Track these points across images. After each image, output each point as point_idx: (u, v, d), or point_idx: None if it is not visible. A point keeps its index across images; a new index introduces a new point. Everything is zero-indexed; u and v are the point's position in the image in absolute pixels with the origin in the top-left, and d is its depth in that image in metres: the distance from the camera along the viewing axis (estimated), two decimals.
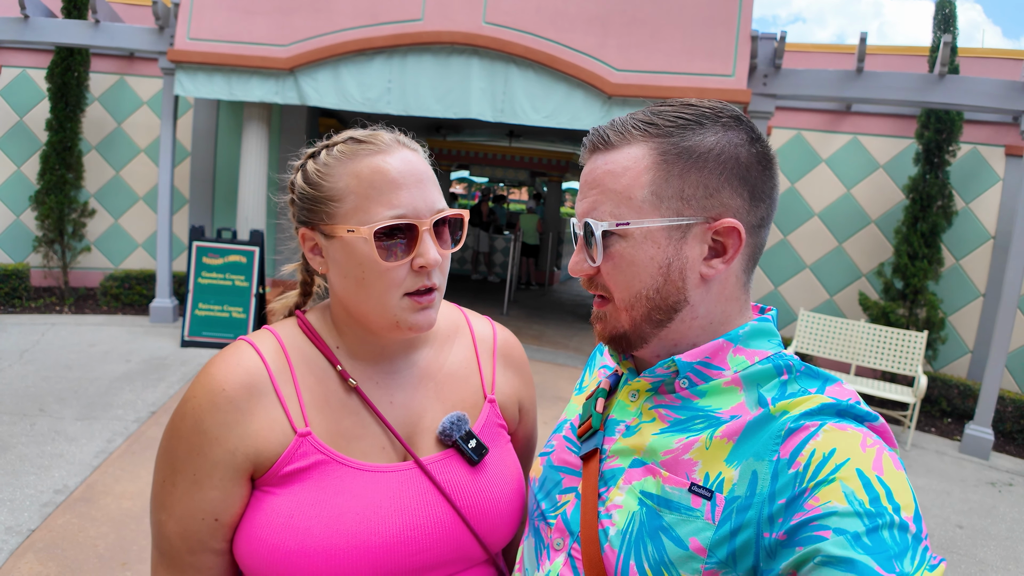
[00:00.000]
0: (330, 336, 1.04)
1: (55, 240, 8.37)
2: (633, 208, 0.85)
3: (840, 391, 0.80)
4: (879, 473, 0.68)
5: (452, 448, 1.03)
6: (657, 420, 0.88)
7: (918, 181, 7.09)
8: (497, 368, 1.16)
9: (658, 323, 0.88)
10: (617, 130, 0.88)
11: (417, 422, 1.04)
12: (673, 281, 0.85)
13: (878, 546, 0.63)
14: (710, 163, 0.84)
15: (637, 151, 0.86)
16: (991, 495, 5.17)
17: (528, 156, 14.79)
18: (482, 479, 1.02)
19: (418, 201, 0.94)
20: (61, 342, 6.67)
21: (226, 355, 0.96)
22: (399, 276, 0.93)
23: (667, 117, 0.86)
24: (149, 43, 7.40)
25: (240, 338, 1.00)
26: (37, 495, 3.75)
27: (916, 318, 7.07)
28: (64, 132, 8.11)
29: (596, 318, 0.94)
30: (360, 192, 0.94)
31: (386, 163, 0.94)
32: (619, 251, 0.86)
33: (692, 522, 0.77)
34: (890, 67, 7.44)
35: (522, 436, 1.22)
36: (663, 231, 0.84)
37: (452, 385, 1.09)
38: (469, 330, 1.18)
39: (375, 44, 6.66)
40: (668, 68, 6.39)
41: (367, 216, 0.92)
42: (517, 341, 1.23)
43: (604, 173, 0.87)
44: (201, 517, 0.91)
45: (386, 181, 0.93)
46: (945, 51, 5.89)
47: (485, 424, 1.09)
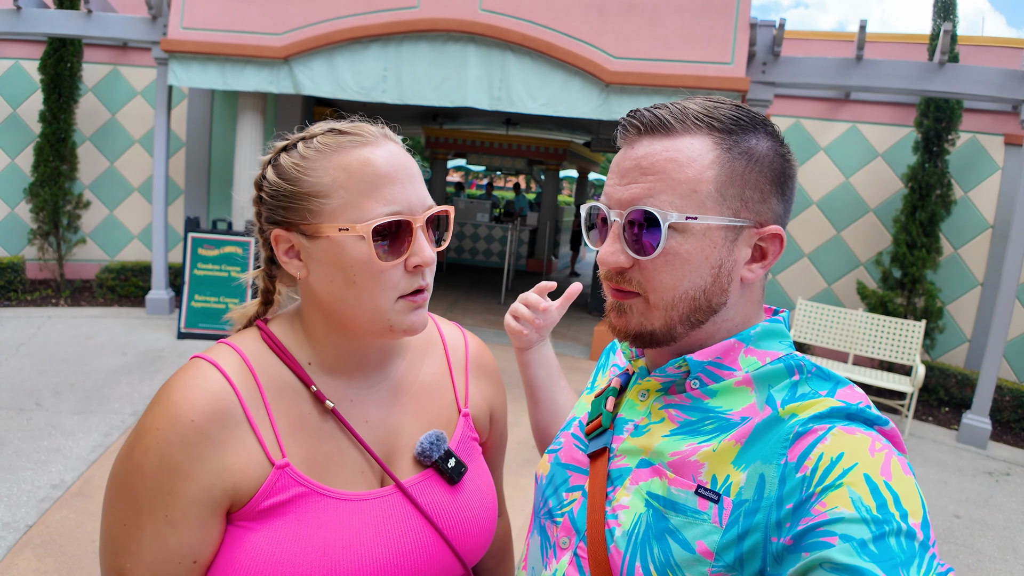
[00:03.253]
0: (300, 350, 0.96)
1: (50, 232, 8.33)
2: (696, 202, 0.81)
3: (851, 394, 0.80)
4: (887, 478, 0.67)
5: (431, 468, 0.99)
6: (666, 420, 0.87)
7: (917, 170, 7.06)
8: (470, 379, 1.13)
9: (694, 324, 0.86)
10: (676, 116, 0.83)
11: (394, 441, 0.99)
12: (720, 283, 0.84)
13: (884, 554, 0.62)
14: (765, 168, 0.84)
15: (701, 143, 0.83)
16: (988, 485, 5.18)
17: (525, 144, 14.73)
18: (462, 499, 1.00)
19: (411, 196, 0.89)
20: (57, 335, 6.65)
21: (187, 379, 0.86)
22: (394, 277, 0.88)
23: (725, 114, 0.84)
24: (142, 33, 7.33)
25: (197, 356, 0.90)
26: (34, 490, 3.74)
27: (914, 307, 7.06)
28: (58, 123, 8.06)
29: (615, 310, 0.89)
30: (350, 187, 0.87)
31: (376, 156, 0.88)
32: (674, 247, 0.82)
33: (699, 525, 0.76)
34: (890, 55, 7.39)
35: (492, 444, 1.19)
36: (721, 230, 0.82)
37: (426, 400, 1.05)
38: (441, 340, 1.13)
39: (370, 32, 6.60)
40: (666, 56, 6.34)
41: (361, 213, 0.86)
42: (487, 348, 1.20)
43: (666, 160, 0.82)
44: (178, 561, 0.83)
45: (378, 175, 0.87)
46: (945, 39, 5.84)
47: (460, 439, 1.06)
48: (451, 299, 10.09)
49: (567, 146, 14.40)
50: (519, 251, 14.09)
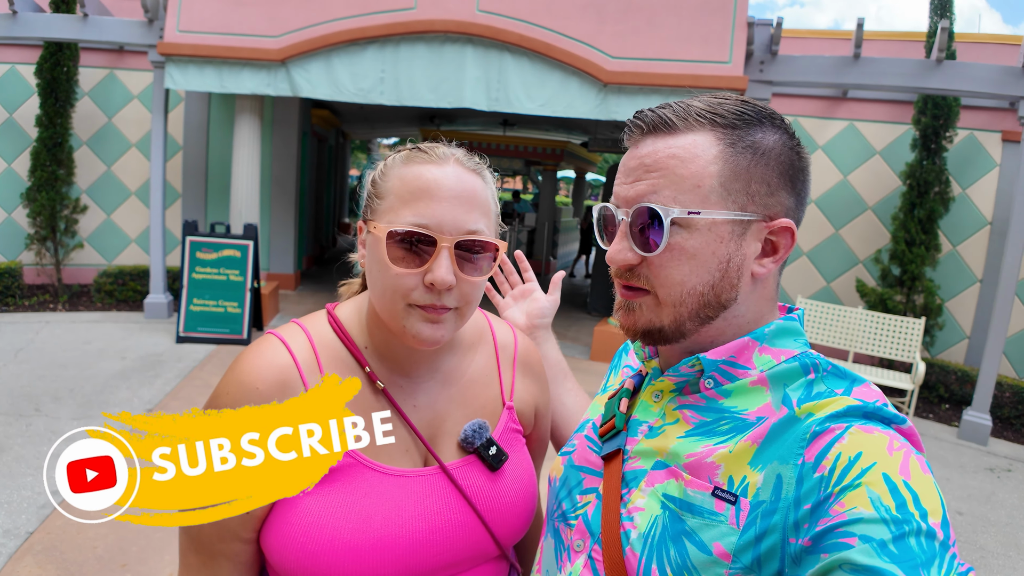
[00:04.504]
0: (360, 335, 1.05)
1: (47, 237, 8.30)
2: (700, 197, 0.82)
3: (867, 392, 0.79)
4: (906, 478, 0.66)
5: (473, 454, 1.05)
6: (681, 422, 0.87)
7: (915, 167, 7.07)
8: (517, 375, 1.18)
9: (704, 320, 0.85)
10: (679, 115, 0.84)
11: (439, 426, 1.06)
12: (729, 278, 0.84)
13: (904, 554, 0.61)
14: (772, 161, 0.83)
15: (703, 139, 0.83)
16: (990, 481, 5.19)
17: (523, 145, 14.72)
18: (501, 484, 1.05)
19: (445, 215, 0.92)
20: (56, 340, 6.63)
21: (259, 351, 0.97)
22: (407, 284, 0.92)
23: (729, 110, 0.84)
24: (138, 36, 7.31)
25: (270, 332, 1.01)
26: (35, 497, 3.72)
27: (913, 304, 7.07)
28: (54, 128, 8.03)
29: (623, 308, 0.89)
30: (398, 194, 0.94)
31: (429, 172, 0.94)
32: (679, 242, 0.82)
33: (716, 527, 0.75)
34: (887, 53, 7.40)
35: (536, 438, 1.24)
36: (727, 225, 0.82)
37: (473, 391, 1.11)
38: (492, 337, 1.19)
39: (368, 34, 6.59)
40: (664, 55, 6.35)
41: (394, 217, 0.93)
42: (536, 348, 1.26)
43: (667, 156, 0.83)
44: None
45: (421, 188, 0.93)
46: (942, 36, 5.85)
47: (504, 430, 1.11)
48: None
49: (564, 146, 14.39)
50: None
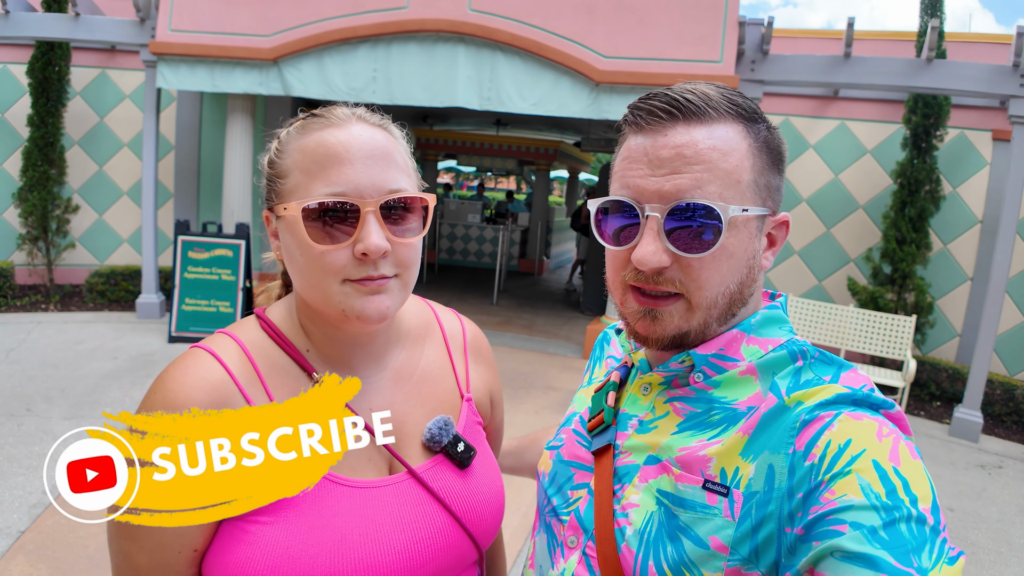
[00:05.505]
0: (298, 337, 0.95)
1: (39, 237, 8.26)
2: (740, 193, 0.79)
3: (855, 378, 0.79)
4: (895, 464, 0.67)
5: (440, 454, 0.98)
6: (672, 414, 0.86)
7: (906, 166, 7.10)
8: (470, 364, 1.12)
9: (728, 319, 0.84)
10: (709, 103, 0.79)
11: (400, 428, 0.97)
12: (753, 273, 0.84)
13: (895, 540, 0.62)
14: (776, 155, 0.84)
15: (734, 131, 0.80)
16: (981, 477, 5.22)
17: (516, 145, 14.74)
18: (472, 482, 0.99)
19: (362, 178, 0.84)
20: (47, 340, 6.60)
21: (185, 367, 0.85)
22: (336, 262, 0.83)
23: (744, 102, 0.82)
24: (130, 36, 7.29)
25: (195, 346, 0.88)
26: (26, 496, 3.71)
27: (904, 303, 7.10)
28: (46, 127, 7.99)
29: (648, 317, 0.83)
30: (303, 168, 0.86)
31: (334, 136, 0.86)
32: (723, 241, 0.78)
33: (710, 520, 0.75)
34: (878, 52, 7.43)
35: (493, 428, 1.19)
36: (755, 221, 0.82)
37: (429, 386, 1.04)
38: (439, 326, 1.12)
39: (359, 33, 6.59)
40: (656, 55, 6.36)
41: (304, 193, 0.84)
42: (483, 333, 1.20)
43: (709, 148, 0.77)
44: (178, 550, 0.83)
45: (328, 155, 0.84)
46: (932, 36, 5.88)
47: (466, 424, 1.05)
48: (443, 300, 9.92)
49: (557, 146, 14.41)
50: (511, 252, 14.10)
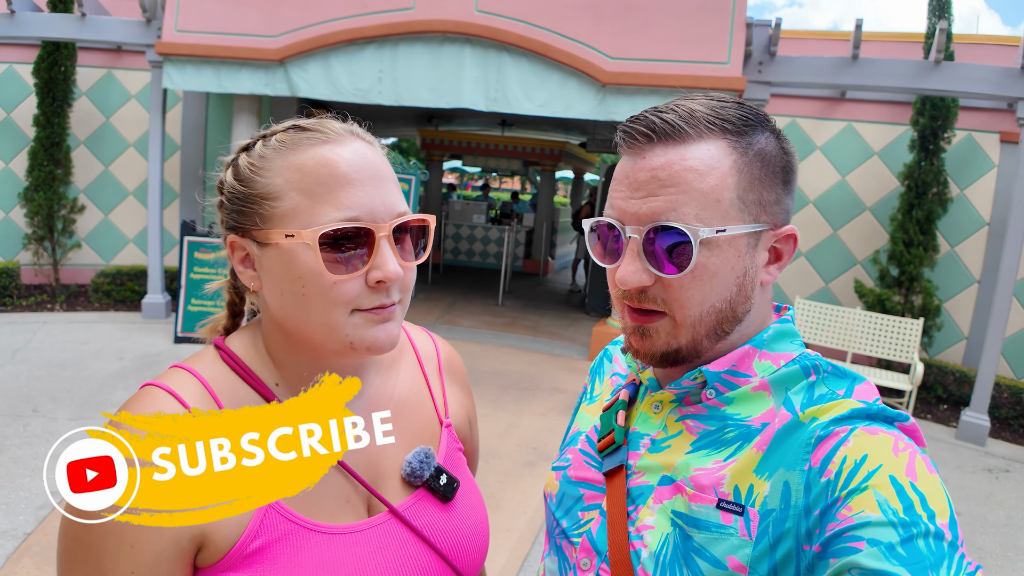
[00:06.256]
0: (265, 370, 0.87)
1: (45, 237, 8.28)
2: (720, 212, 0.78)
3: (869, 391, 0.78)
4: (912, 479, 0.66)
5: (422, 488, 0.92)
6: (685, 432, 0.84)
7: (913, 168, 7.07)
8: (446, 387, 1.05)
9: (720, 336, 0.83)
10: (687, 121, 0.79)
11: (377, 464, 0.90)
12: (745, 291, 0.82)
13: (913, 556, 0.61)
14: (776, 168, 0.82)
15: (715, 148, 0.79)
16: (988, 482, 5.19)
17: (521, 145, 14.72)
18: (457, 515, 0.93)
19: (375, 202, 0.79)
20: (53, 340, 6.61)
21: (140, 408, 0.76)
22: (350, 292, 0.77)
23: (734, 115, 0.80)
24: (136, 36, 7.30)
25: (149, 383, 0.80)
26: (32, 498, 3.71)
27: (912, 305, 7.07)
28: (52, 128, 8.01)
29: (638, 333, 0.83)
30: (303, 189, 0.78)
31: (336, 155, 0.79)
32: (702, 261, 0.77)
33: (726, 540, 0.74)
34: (885, 54, 7.40)
35: (470, 451, 1.12)
36: (745, 238, 0.80)
37: (406, 415, 0.96)
38: (412, 347, 1.05)
39: (366, 34, 6.59)
40: (662, 56, 6.35)
41: (311, 218, 0.77)
42: (456, 352, 1.14)
43: (684, 169, 0.77)
44: None
45: (335, 176, 0.78)
46: (940, 37, 5.85)
47: (447, 452, 0.98)
48: (448, 301, 10.08)
49: (563, 147, 14.40)
50: (516, 252, 14.10)
